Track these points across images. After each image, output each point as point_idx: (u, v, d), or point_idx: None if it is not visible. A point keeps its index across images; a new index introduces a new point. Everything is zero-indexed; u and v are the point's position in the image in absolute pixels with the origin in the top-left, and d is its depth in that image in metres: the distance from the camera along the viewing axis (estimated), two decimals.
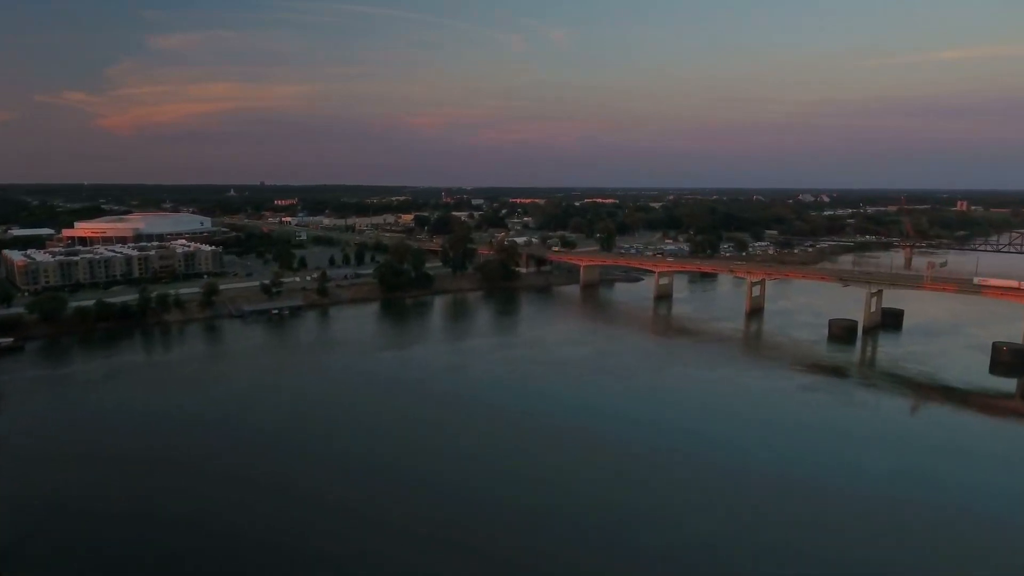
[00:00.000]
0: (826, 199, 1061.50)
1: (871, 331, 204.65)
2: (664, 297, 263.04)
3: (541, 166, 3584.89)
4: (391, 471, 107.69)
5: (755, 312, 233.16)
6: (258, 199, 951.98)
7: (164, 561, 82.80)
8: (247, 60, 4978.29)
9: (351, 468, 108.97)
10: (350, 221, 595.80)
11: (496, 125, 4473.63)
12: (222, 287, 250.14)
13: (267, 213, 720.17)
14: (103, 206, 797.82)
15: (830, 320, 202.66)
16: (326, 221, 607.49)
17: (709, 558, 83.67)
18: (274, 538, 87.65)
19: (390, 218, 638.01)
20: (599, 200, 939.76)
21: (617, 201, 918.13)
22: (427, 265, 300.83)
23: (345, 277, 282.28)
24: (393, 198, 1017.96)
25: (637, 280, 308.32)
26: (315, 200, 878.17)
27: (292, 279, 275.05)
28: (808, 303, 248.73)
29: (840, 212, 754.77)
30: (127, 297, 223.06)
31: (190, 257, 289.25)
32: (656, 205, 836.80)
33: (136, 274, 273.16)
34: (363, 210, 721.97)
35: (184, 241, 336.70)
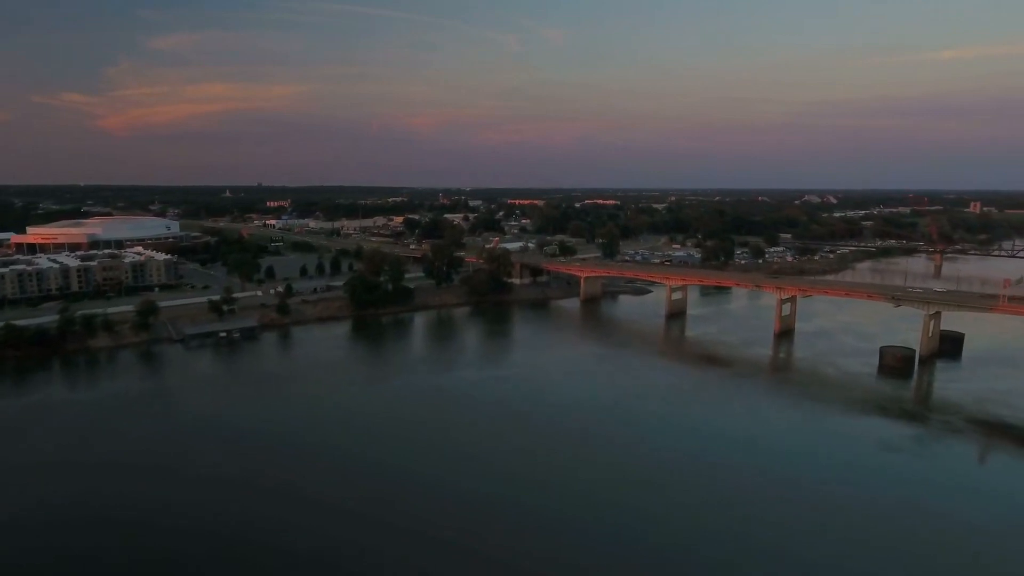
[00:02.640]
0: (833, 200, 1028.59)
1: (928, 360, 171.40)
2: (677, 314, 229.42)
3: (540, 167, 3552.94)
4: None
5: (785, 333, 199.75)
6: (252, 200, 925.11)
7: None
8: (245, 60, 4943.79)
9: None
10: (337, 224, 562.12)
11: (495, 125, 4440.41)
12: (168, 303, 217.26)
13: (254, 215, 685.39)
14: (84, 208, 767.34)
15: (882, 348, 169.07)
16: (312, 224, 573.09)
17: None
18: None
19: (381, 220, 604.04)
20: (599, 201, 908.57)
21: (618, 202, 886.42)
22: (409, 275, 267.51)
23: (314, 290, 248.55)
24: (389, 199, 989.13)
25: (644, 292, 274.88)
26: (310, 201, 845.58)
27: (253, 293, 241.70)
28: (845, 322, 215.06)
29: (851, 214, 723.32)
30: (45, 318, 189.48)
31: (139, 267, 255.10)
32: (659, 207, 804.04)
33: (75, 288, 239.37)
34: (353, 212, 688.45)
35: (140, 248, 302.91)
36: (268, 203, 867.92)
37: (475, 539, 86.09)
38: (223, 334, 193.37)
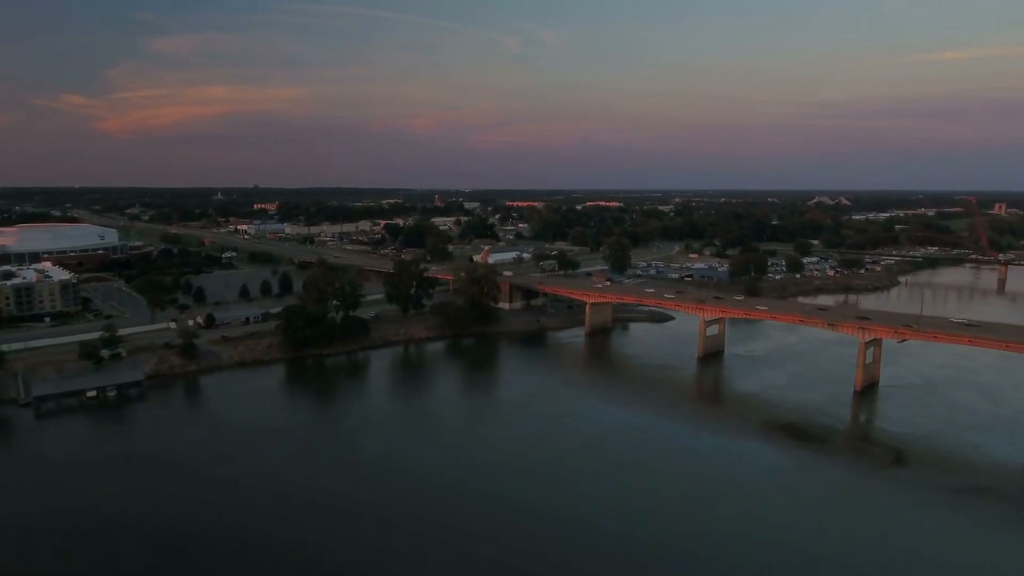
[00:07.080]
0: (847, 202, 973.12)
1: None
2: (713, 355, 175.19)
3: (540, 168, 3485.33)
4: None
5: (869, 388, 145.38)
6: (243, 202, 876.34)
7: None
8: (244, 63, 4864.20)
9: None
10: (315, 229, 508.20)
11: (496, 127, 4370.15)
12: (38, 344, 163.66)
13: (233, 219, 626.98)
14: (55, 211, 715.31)
15: None
16: (288, 229, 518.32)
17: None
18: None
19: (366, 225, 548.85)
20: (602, 204, 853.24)
21: (621, 204, 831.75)
22: (374, 298, 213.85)
23: (246, 320, 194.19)
24: (384, 201, 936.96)
25: (664, 319, 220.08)
26: (304, 203, 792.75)
27: (164, 325, 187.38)
28: (946, 364, 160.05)
29: (871, 217, 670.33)
30: None
31: (25, 292, 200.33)
32: (665, 208, 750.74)
33: None
34: (336, 215, 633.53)
35: (48, 264, 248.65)
36: (255, 205, 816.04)
37: None
38: (91, 393, 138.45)
